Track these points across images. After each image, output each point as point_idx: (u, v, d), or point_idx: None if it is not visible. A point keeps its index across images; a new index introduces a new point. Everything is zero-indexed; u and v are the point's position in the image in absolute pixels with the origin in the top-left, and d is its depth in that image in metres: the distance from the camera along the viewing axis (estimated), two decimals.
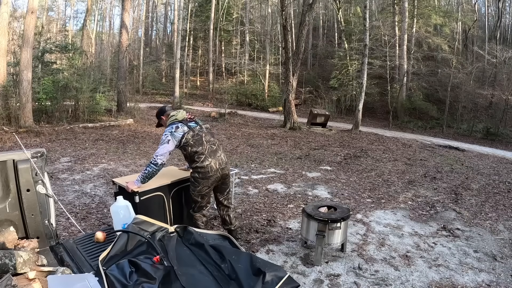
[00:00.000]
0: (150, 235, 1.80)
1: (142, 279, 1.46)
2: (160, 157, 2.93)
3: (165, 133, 3.00)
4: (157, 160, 2.93)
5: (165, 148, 2.96)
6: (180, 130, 3.00)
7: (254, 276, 1.51)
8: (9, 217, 1.95)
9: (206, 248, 1.71)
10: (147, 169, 2.92)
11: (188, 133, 3.01)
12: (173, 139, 2.98)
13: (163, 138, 2.98)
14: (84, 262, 1.75)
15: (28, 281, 1.44)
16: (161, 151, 2.95)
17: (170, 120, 3.08)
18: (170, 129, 3.00)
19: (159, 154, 2.94)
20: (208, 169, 3.03)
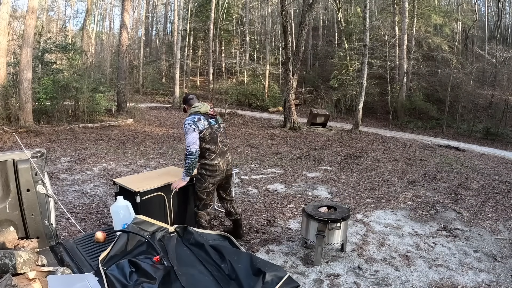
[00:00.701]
0: (150, 235, 1.80)
1: (142, 279, 1.46)
2: (192, 146, 2.97)
3: (188, 122, 3.03)
4: (191, 150, 2.97)
5: (193, 137, 2.99)
6: (201, 123, 3.05)
7: (254, 276, 1.51)
8: (9, 217, 1.94)
9: (206, 248, 1.71)
10: (187, 162, 2.98)
11: (207, 129, 3.07)
12: (196, 128, 3.02)
13: (187, 127, 3.00)
14: (84, 262, 1.75)
15: (28, 281, 1.44)
16: (191, 139, 2.98)
17: (193, 110, 3.13)
18: (192, 119, 3.03)
19: (191, 143, 2.97)
20: (216, 168, 3.11)
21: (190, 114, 3.13)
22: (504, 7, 23.89)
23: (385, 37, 21.33)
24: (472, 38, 23.96)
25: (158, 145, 8.82)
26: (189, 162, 2.98)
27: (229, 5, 26.84)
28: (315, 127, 13.48)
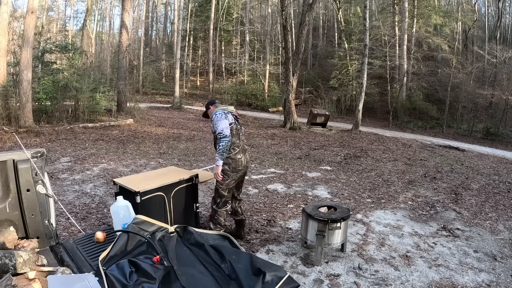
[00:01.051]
0: (150, 235, 1.80)
1: (142, 279, 1.46)
2: (225, 130, 3.09)
3: (218, 112, 3.19)
4: (225, 132, 3.07)
5: (224, 123, 3.12)
6: (230, 117, 3.24)
7: (254, 276, 1.51)
8: (9, 217, 1.94)
9: (206, 248, 1.71)
10: (221, 145, 3.07)
11: (233, 124, 3.25)
12: (227, 118, 3.19)
13: (218, 117, 3.15)
14: (84, 262, 1.75)
15: (28, 281, 1.44)
16: (222, 125, 3.10)
17: (220, 108, 3.33)
18: (221, 112, 3.20)
19: (223, 127, 3.08)
20: (239, 163, 3.25)
21: (217, 110, 3.29)
22: (504, 7, 23.88)
23: (385, 37, 21.33)
24: (472, 38, 23.96)
25: (158, 145, 8.82)
26: (223, 144, 3.07)
27: (229, 5, 26.85)
28: (315, 127, 13.48)
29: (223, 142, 3.08)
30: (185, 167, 6.10)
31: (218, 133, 3.10)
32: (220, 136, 3.09)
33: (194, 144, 9.16)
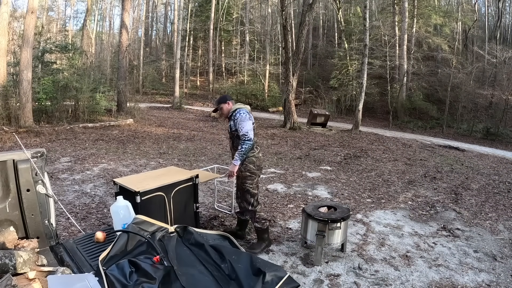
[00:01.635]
0: (150, 235, 1.80)
1: (142, 279, 1.46)
2: (250, 132, 3.09)
3: (243, 111, 3.15)
4: (249, 135, 3.08)
5: (248, 124, 3.12)
6: (251, 117, 3.25)
7: (254, 276, 1.51)
8: (9, 217, 1.94)
9: (206, 248, 1.71)
10: (244, 147, 3.08)
11: (254, 124, 3.29)
12: (251, 118, 3.20)
13: (242, 116, 3.11)
14: (84, 262, 1.75)
15: (28, 281, 1.44)
16: (247, 127, 3.09)
17: (239, 106, 3.27)
18: (244, 111, 3.18)
19: (248, 129, 3.08)
20: (261, 161, 3.39)
21: (237, 108, 3.24)
22: (504, 7, 23.89)
23: (385, 37, 21.33)
24: (472, 38, 23.95)
25: (158, 145, 8.82)
26: (246, 147, 3.09)
27: (229, 5, 26.84)
28: (315, 127, 13.48)
29: (246, 145, 3.08)
30: (185, 167, 6.10)
31: (242, 134, 3.08)
32: (244, 138, 3.08)
33: (194, 144, 9.16)
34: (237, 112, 3.18)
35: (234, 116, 3.18)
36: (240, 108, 3.23)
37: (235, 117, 3.17)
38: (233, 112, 3.21)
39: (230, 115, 3.26)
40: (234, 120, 3.17)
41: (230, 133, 3.29)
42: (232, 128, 3.23)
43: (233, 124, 3.21)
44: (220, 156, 7.79)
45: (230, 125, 3.26)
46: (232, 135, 3.27)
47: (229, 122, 3.28)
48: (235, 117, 3.17)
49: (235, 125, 3.17)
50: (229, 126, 3.29)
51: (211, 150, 8.47)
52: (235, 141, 3.25)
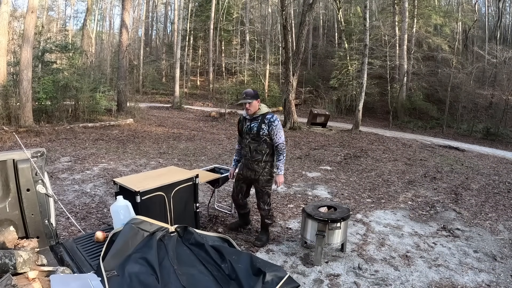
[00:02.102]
0: (151, 235, 1.80)
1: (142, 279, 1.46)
2: (284, 141, 3.22)
3: (278, 119, 3.20)
4: (284, 143, 3.21)
5: (283, 133, 3.24)
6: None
7: (254, 276, 1.51)
8: (9, 217, 1.94)
9: (206, 248, 1.71)
10: (284, 155, 3.21)
11: None
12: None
13: (279, 124, 3.18)
14: (84, 261, 1.75)
15: (28, 280, 1.44)
16: (283, 135, 3.22)
17: (268, 110, 3.26)
18: (277, 118, 3.22)
19: (284, 138, 3.21)
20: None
21: (268, 112, 3.23)
22: (504, 7, 23.89)
23: (385, 37, 21.33)
24: (472, 38, 23.95)
25: (158, 145, 8.81)
26: (285, 155, 3.23)
27: (229, 5, 26.84)
28: (315, 127, 13.48)
29: (284, 153, 3.21)
30: (185, 167, 6.10)
31: (281, 143, 3.14)
32: (283, 147, 3.16)
33: (194, 144, 9.16)
34: (274, 118, 3.17)
35: (271, 121, 3.15)
36: (271, 113, 3.22)
37: (272, 122, 3.14)
38: (266, 115, 3.17)
39: (258, 116, 3.19)
40: (270, 125, 3.14)
41: (256, 135, 3.19)
42: (263, 131, 3.15)
43: (265, 128, 3.15)
44: (220, 156, 7.79)
45: (258, 128, 3.16)
46: (259, 138, 3.18)
47: (252, 122, 3.21)
48: (273, 123, 3.14)
49: (269, 130, 3.14)
50: (253, 127, 3.20)
51: (211, 150, 8.47)
52: (260, 145, 3.20)
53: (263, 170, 3.25)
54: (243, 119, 3.35)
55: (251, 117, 3.22)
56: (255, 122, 3.19)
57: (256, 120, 3.19)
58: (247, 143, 3.25)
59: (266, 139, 3.17)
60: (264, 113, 3.18)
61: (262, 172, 3.25)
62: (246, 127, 3.26)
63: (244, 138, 3.29)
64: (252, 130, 3.19)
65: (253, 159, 3.25)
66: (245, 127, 3.28)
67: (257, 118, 3.19)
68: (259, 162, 3.25)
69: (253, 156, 3.24)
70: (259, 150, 3.20)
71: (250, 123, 3.23)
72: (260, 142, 3.18)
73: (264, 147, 3.18)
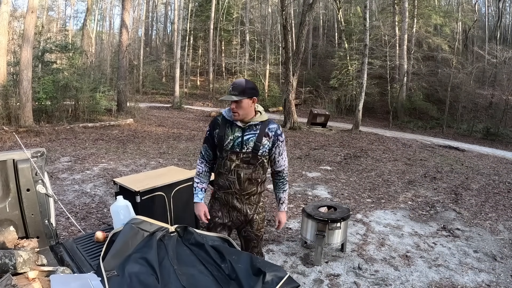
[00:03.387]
0: (151, 234, 1.80)
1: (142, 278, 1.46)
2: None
3: (283, 133, 2.13)
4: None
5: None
6: None
7: (254, 276, 1.51)
8: (9, 217, 1.95)
9: (206, 248, 1.71)
10: (287, 184, 2.26)
11: None
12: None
13: (284, 140, 2.13)
14: (84, 262, 1.75)
15: (28, 280, 1.44)
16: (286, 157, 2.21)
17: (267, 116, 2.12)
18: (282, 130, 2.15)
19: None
20: None
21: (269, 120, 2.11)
22: (504, 7, 23.89)
23: (385, 37, 21.34)
24: (472, 38, 23.96)
25: (158, 144, 8.81)
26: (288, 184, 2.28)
27: (229, 5, 26.84)
28: (315, 127, 13.48)
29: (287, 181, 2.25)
30: (185, 167, 6.10)
31: (286, 167, 2.18)
32: (286, 173, 2.20)
33: (194, 144, 9.15)
34: (280, 131, 2.08)
35: (277, 134, 2.05)
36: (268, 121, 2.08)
37: (278, 137, 2.06)
38: (268, 124, 2.05)
39: (255, 124, 2.03)
40: (276, 141, 2.05)
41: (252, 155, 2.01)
42: (262, 150, 2.02)
43: (267, 145, 2.03)
44: None
45: (257, 143, 2.00)
46: (256, 160, 2.03)
47: (246, 132, 2.01)
48: (279, 137, 2.07)
49: (273, 148, 2.07)
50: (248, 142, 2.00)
51: None
52: (257, 171, 2.06)
53: (257, 206, 2.16)
54: (223, 123, 2.05)
55: (243, 124, 2.02)
56: (251, 134, 2.01)
57: (253, 130, 2.02)
58: (233, 167, 2.01)
59: (264, 162, 2.07)
60: (265, 120, 2.05)
61: (257, 209, 2.16)
62: (234, 139, 2.00)
63: (227, 159, 2.02)
64: (246, 147, 2.00)
65: (244, 193, 2.08)
66: (230, 138, 2.00)
67: (254, 127, 2.02)
68: (252, 195, 2.11)
69: (244, 189, 2.06)
70: (255, 178, 2.06)
71: (243, 134, 2.01)
72: (256, 166, 2.04)
73: (260, 173, 2.09)
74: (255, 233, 2.20)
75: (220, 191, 2.14)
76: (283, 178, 2.20)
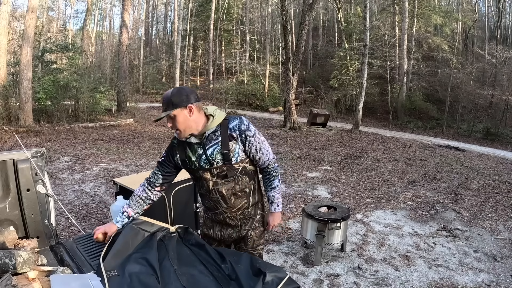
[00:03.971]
0: (151, 235, 1.80)
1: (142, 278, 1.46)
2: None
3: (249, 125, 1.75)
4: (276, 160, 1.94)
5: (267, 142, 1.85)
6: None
7: (254, 276, 1.51)
8: (9, 217, 1.95)
9: (206, 248, 1.71)
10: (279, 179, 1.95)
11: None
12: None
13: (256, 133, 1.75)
14: (84, 262, 1.75)
15: (28, 280, 1.44)
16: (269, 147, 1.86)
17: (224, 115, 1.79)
18: (249, 122, 1.79)
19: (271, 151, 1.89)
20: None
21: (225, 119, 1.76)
22: (504, 7, 23.88)
23: (385, 37, 21.35)
24: (472, 38, 23.96)
25: (158, 144, 8.81)
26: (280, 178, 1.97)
27: (229, 5, 26.84)
28: (315, 127, 13.47)
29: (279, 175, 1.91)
30: None
31: (270, 160, 1.81)
32: (275, 166, 1.85)
33: None
34: (246, 123, 1.71)
35: (242, 130, 1.68)
36: (235, 116, 1.79)
37: (244, 133, 1.68)
38: (228, 124, 1.70)
39: (213, 132, 1.69)
40: (245, 139, 1.69)
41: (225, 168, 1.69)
42: (235, 156, 1.69)
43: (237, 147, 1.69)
44: None
45: (224, 152, 1.67)
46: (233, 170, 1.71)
47: (207, 146, 1.69)
48: (247, 133, 1.69)
49: (246, 148, 1.71)
50: (213, 156, 1.68)
51: None
52: (240, 181, 1.75)
53: (253, 220, 1.89)
54: (180, 146, 1.78)
55: (199, 138, 1.70)
56: (214, 145, 1.68)
57: (213, 139, 1.69)
58: (211, 186, 1.74)
59: (245, 167, 1.75)
60: (223, 121, 1.71)
61: (253, 224, 1.89)
62: (198, 159, 1.72)
63: (201, 179, 1.76)
64: (215, 161, 1.69)
65: (234, 210, 1.82)
66: (193, 160, 1.73)
67: (214, 135, 1.69)
68: (245, 209, 1.84)
69: (232, 206, 1.80)
70: (241, 190, 1.78)
71: (204, 150, 1.69)
72: (237, 177, 1.74)
73: (246, 181, 1.77)
74: (250, 251, 1.90)
75: (209, 212, 1.91)
76: (269, 174, 1.86)
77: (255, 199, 1.86)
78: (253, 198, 1.85)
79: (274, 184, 1.89)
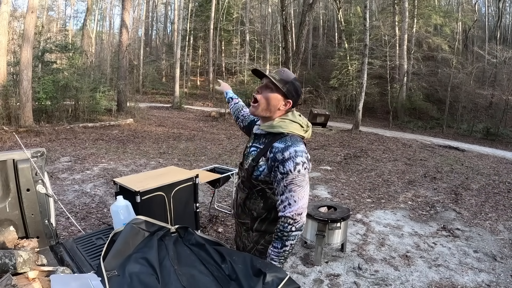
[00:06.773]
0: (151, 234, 1.80)
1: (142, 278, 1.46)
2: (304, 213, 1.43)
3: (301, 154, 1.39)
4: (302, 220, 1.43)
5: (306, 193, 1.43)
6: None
7: (254, 276, 1.51)
8: (9, 217, 1.94)
9: (206, 248, 1.71)
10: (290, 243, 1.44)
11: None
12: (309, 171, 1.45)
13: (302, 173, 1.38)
14: (84, 262, 1.75)
15: (28, 280, 1.44)
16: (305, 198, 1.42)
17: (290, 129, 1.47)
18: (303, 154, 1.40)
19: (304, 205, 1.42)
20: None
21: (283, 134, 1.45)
22: (504, 7, 23.89)
23: (385, 37, 21.35)
24: (472, 38, 23.97)
25: (158, 144, 8.81)
26: (292, 243, 1.43)
27: (229, 5, 26.84)
28: (315, 127, 13.47)
29: (293, 238, 1.41)
30: (185, 167, 6.10)
31: (287, 213, 1.38)
32: (284, 226, 1.40)
33: (194, 144, 9.16)
34: (285, 151, 1.37)
35: (274, 156, 1.40)
36: (297, 137, 1.45)
37: (275, 159, 1.39)
38: (279, 138, 1.43)
39: (266, 134, 1.50)
40: (271, 166, 1.41)
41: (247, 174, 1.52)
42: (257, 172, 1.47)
43: (265, 166, 1.45)
44: (220, 156, 7.79)
45: (254, 161, 1.48)
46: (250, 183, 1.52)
47: (255, 142, 1.54)
48: (275, 161, 1.39)
49: (270, 172, 1.43)
50: (249, 155, 1.54)
51: (211, 150, 8.46)
52: (253, 198, 1.55)
53: (255, 246, 1.63)
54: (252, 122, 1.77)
55: (261, 128, 1.52)
56: (256, 146, 1.53)
57: (261, 140, 1.51)
58: (237, 183, 1.69)
59: (265, 190, 1.50)
60: (278, 134, 1.45)
61: (253, 250, 1.65)
62: (246, 147, 1.62)
63: (240, 168, 1.63)
64: (246, 162, 1.55)
65: (240, 221, 1.68)
66: (247, 143, 1.63)
67: (260, 139, 1.52)
68: (249, 229, 1.63)
69: (238, 215, 1.66)
70: (248, 208, 1.58)
71: (252, 144, 1.57)
72: (252, 193, 1.54)
73: (259, 206, 1.54)
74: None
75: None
76: (277, 227, 1.42)
77: (261, 227, 1.57)
78: (259, 226, 1.57)
79: (277, 244, 1.43)
